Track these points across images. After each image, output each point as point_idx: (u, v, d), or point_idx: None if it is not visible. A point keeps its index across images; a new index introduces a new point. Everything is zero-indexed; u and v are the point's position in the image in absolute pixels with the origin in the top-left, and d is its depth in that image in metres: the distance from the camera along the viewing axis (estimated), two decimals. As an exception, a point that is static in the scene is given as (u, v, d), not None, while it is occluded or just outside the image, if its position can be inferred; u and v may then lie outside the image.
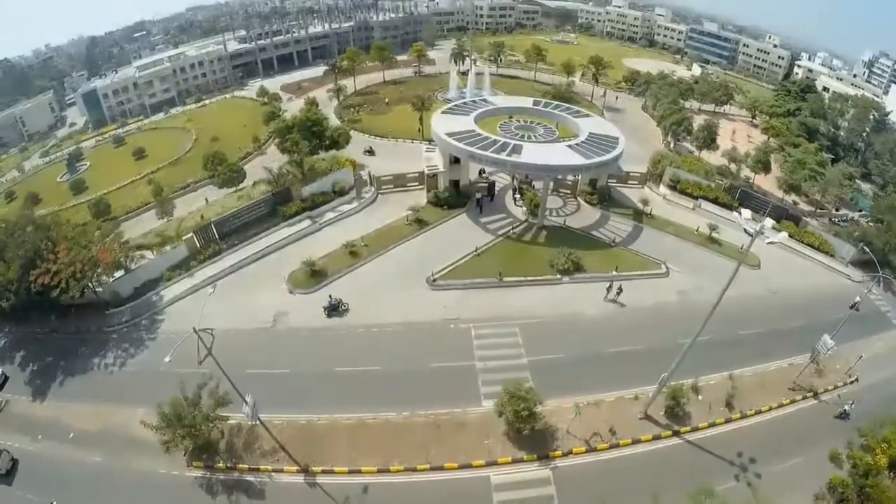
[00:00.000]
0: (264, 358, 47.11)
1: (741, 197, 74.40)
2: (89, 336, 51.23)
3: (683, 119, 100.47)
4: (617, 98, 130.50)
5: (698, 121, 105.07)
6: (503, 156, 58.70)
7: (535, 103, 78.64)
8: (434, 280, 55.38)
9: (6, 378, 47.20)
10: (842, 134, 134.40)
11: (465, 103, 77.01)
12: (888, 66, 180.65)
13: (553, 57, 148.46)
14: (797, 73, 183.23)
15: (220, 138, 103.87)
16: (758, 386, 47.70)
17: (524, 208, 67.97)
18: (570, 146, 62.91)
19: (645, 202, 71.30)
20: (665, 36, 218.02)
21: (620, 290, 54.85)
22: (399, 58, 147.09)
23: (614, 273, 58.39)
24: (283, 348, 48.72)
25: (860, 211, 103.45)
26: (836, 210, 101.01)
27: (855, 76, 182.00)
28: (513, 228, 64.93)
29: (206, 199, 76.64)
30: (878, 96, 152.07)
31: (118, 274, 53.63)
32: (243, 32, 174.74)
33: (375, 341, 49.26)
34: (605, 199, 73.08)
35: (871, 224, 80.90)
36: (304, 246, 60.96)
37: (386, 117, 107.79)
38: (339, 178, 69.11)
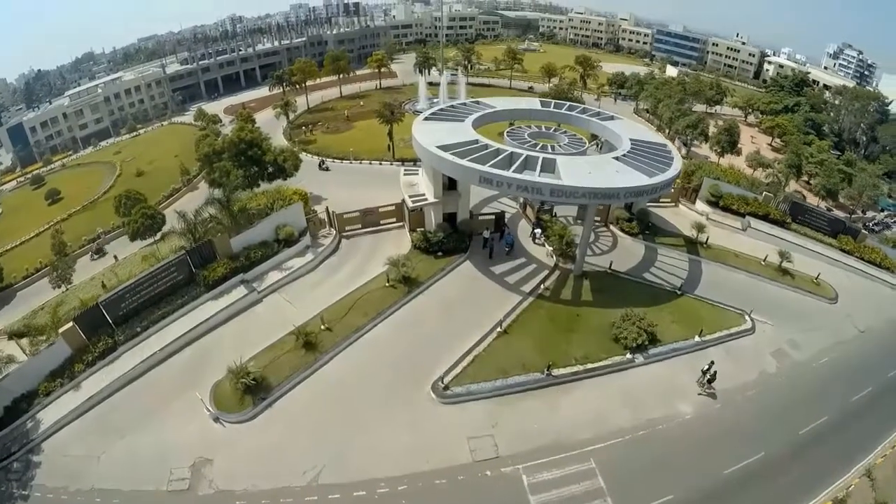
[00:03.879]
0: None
1: (792, 211, 57.26)
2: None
3: (699, 121, 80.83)
4: (616, 101, 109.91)
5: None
6: (532, 176, 36.30)
7: (544, 104, 56.29)
8: (445, 387, 32.38)
9: None
10: (843, 127, 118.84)
11: (453, 106, 53.92)
12: (853, 57, 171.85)
13: (524, 64, 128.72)
14: (768, 70, 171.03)
15: (146, 172, 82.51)
16: (893, 473, 30.63)
17: (550, 248, 46.16)
18: (617, 158, 41.19)
19: (700, 228, 50.79)
20: (630, 40, 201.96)
21: (715, 374, 34.16)
22: (358, 73, 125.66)
23: (698, 339, 38.15)
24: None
25: (882, 211, 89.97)
26: (863, 213, 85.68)
27: (826, 69, 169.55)
28: (543, 282, 42.69)
29: (116, 257, 54.16)
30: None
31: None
32: (186, 54, 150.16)
33: (362, 518, 26.43)
34: (647, 226, 51.95)
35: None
36: (236, 331, 37.83)
37: (346, 135, 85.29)
38: (284, 221, 45.40)
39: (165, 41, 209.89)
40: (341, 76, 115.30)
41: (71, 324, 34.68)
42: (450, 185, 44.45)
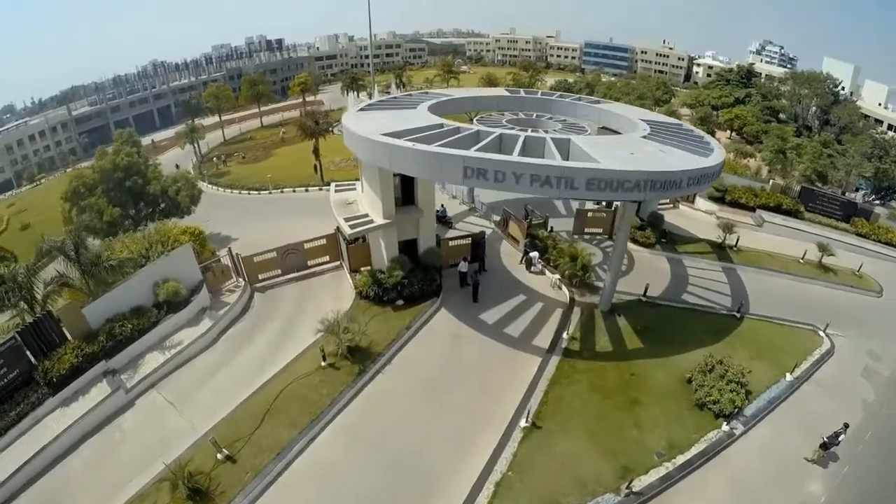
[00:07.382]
0: None
1: (803, 197, 48.57)
2: None
3: (670, 114, 71.12)
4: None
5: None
6: (556, 161, 21.95)
7: (513, 92, 42.27)
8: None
9: None
10: (798, 113, 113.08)
11: (395, 98, 37.68)
12: (776, 52, 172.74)
13: (458, 82, 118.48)
14: (697, 72, 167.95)
15: (33, 225, 68.31)
16: None
17: (555, 277, 31.93)
18: (646, 138, 27.41)
19: (728, 228, 38.89)
20: (559, 56, 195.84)
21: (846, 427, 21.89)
22: (281, 104, 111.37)
23: (790, 378, 25.37)
24: None
25: (857, 190, 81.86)
26: (843, 194, 78.68)
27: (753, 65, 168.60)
28: (565, 329, 27.86)
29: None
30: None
31: None
32: (96, 96, 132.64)
33: None
34: (663, 234, 38.98)
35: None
36: (93, 461, 20.64)
37: (266, 164, 71.60)
38: (165, 273, 28.22)
39: (83, 89, 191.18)
40: (261, 104, 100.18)
41: None
42: (404, 197, 29.69)
